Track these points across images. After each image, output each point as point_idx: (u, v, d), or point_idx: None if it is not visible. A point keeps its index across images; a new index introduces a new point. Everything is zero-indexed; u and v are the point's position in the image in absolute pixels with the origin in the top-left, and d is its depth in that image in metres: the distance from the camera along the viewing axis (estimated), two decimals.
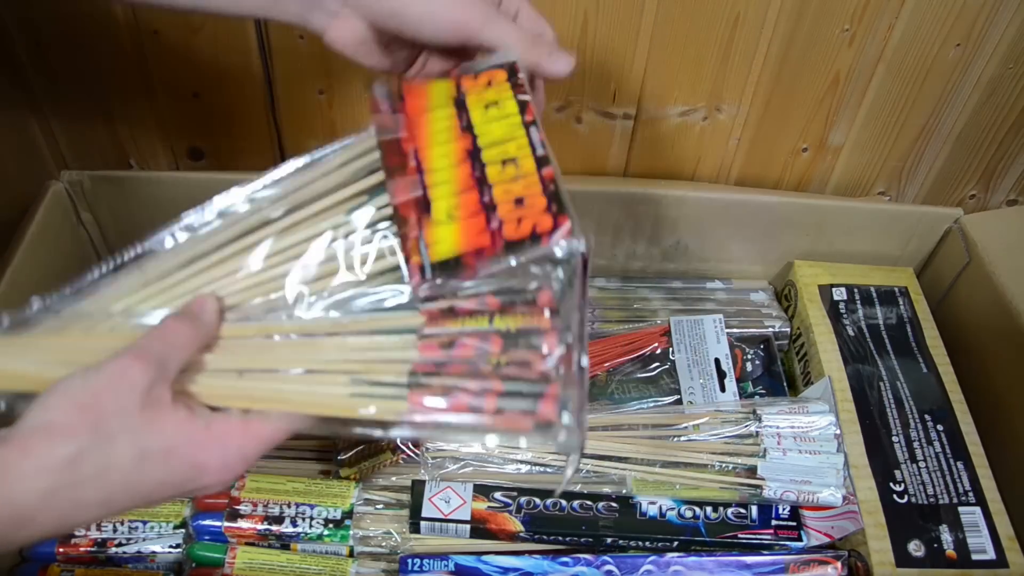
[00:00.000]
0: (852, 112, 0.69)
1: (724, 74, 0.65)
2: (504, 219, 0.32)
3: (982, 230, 0.67)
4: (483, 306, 0.33)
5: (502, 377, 0.32)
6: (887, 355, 0.64)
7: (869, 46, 0.64)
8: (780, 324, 0.69)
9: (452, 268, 0.32)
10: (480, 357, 0.32)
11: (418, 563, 0.54)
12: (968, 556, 0.54)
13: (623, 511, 0.56)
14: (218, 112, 0.66)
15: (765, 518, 0.57)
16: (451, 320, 0.33)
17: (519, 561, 0.54)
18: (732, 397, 0.63)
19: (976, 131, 0.70)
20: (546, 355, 0.32)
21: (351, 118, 0.67)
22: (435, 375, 0.33)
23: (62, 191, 0.63)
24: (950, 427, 0.60)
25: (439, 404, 0.32)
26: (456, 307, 0.33)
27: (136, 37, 0.61)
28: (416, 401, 0.32)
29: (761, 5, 0.61)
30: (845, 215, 0.69)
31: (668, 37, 0.63)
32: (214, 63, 0.63)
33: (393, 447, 0.58)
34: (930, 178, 0.75)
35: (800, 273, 0.70)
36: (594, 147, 0.70)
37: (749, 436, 0.58)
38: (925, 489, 0.57)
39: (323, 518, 0.56)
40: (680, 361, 0.65)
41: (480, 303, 0.33)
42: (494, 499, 0.56)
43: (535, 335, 0.33)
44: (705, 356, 0.65)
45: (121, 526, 0.57)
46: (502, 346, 0.33)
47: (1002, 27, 0.63)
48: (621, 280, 0.73)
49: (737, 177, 0.73)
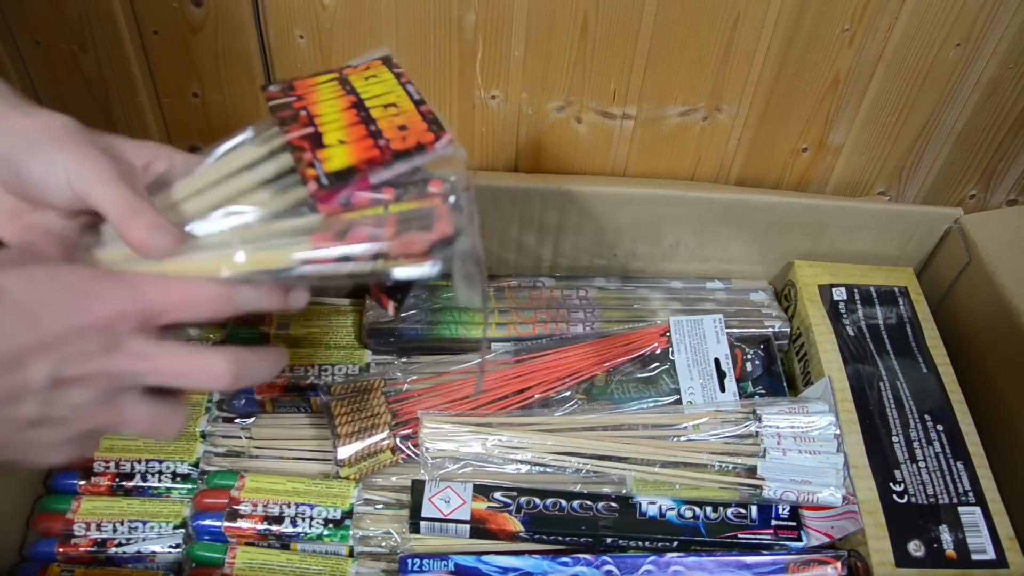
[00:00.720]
0: (852, 112, 0.69)
1: (724, 74, 0.65)
2: (391, 138, 0.36)
3: (982, 230, 0.67)
4: (379, 199, 0.36)
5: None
6: (887, 355, 0.64)
7: (869, 46, 0.64)
8: (780, 324, 0.69)
9: (346, 176, 0.35)
10: (373, 237, 0.34)
11: (418, 563, 0.54)
12: (968, 556, 0.54)
13: (623, 511, 0.56)
14: (218, 112, 0.66)
15: (765, 518, 0.57)
16: (348, 214, 0.35)
17: (519, 561, 0.54)
18: (732, 397, 0.63)
19: (976, 131, 0.70)
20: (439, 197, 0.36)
21: None
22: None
23: None
24: (950, 427, 0.60)
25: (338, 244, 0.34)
26: (353, 202, 0.35)
27: (136, 37, 0.61)
28: (317, 239, 0.34)
29: (761, 5, 0.61)
30: (845, 215, 0.69)
31: (668, 37, 0.63)
32: (214, 63, 0.63)
33: (393, 447, 0.58)
34: (930, 178, 0.75)
35: (800, 273, 0.70)
36: (594, 147, 0.70)
37: (749, 436, 0.58)
38: (925, 489, 0.57)
39: (323, 518, 0.56)
40: (680, 361, 0.65)
41: (375, 201, 0.35)
42: (494, 499, 0.56)
43: (428, 216, 0.35)
44: (705, 356, 0.65)
45: (121, 526, 0.57)
46: (396, 230, 0.34)
47: (1002, 27, 0.63)
48: (621, 280, 0.73)
49: (737, 177, 0.73)
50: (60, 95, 0.64)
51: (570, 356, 0.64)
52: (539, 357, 0.64)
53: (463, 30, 0.62)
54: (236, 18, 0.60)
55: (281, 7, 0.60)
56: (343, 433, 0.58)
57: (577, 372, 0.63)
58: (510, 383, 0.62)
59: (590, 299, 0.70)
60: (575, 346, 0.65)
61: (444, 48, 0.63)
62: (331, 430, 0.59)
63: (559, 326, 0.67)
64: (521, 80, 0.65)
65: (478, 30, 0.62)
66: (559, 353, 0.64)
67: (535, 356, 0.64)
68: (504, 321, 0.67)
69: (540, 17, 0.61)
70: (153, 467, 0.60)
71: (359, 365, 0.65)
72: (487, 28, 0.61)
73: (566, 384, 0.62)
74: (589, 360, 0.64)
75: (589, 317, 0.68)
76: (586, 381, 0.63)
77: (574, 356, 0.64)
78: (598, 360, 0.64)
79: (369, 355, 0.66)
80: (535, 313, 0.68)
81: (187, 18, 0.60)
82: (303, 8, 0.60)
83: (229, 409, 0.63)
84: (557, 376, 0.63)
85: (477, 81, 0.65)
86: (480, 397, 0.60)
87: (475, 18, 0.61)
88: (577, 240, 0.70)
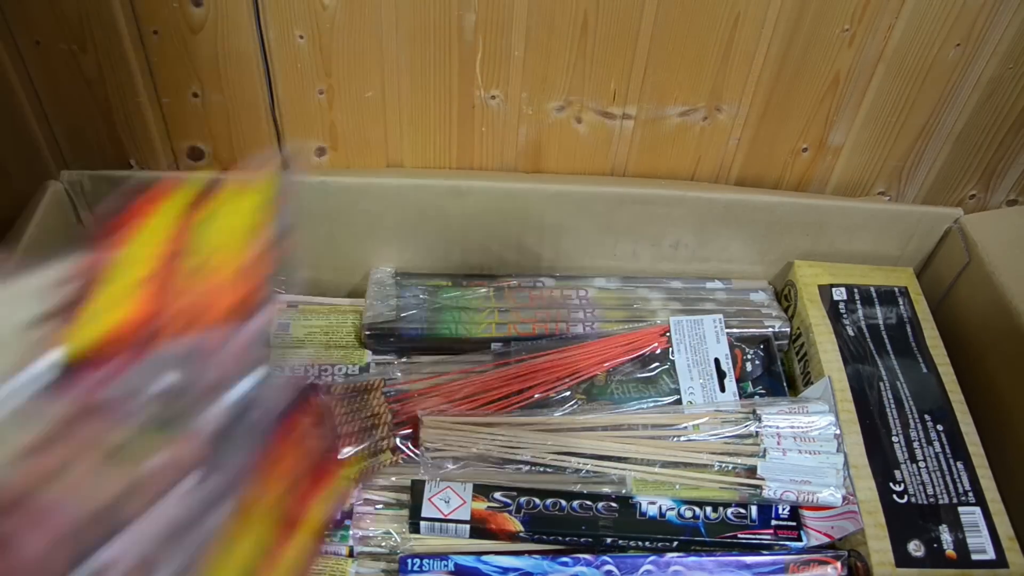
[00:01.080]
0: (852, 112, 0.69)
1: (724, 74, 0.65)
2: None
3: (982, 230, 0.67)
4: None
5: None
6: (887, 355, 0.64)
7: (869, 46, 0.64)
8: (780, 324, 0.69)
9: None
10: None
11: (418, 563, 0.54)
12: (968, 556, 0.54)
13: (623, 511, 0.56)
14: (218, 112, 0.66)
15: (765, 518, 0.57)
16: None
17: (519, 561, 0.54)
18: (732, 397, 0.63)
19: (976, 131, 0.70)
20: None
21: (351, 118, 0.67)
22: None
23: (62, 191, 0.63)
24: (950, 427, 0.60)
25: None
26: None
27: (136, 37, 0.61)
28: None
29: (761, 5, 0.61)
30: (845, 215, 0.69)
31: (668, 37, 0.63)
32: (214, 63, 0.63)
33: (393, 447, 0.58)
34: (930, 178, 0.75)
35: (800, 273, 0.70)
36: (594, 147, 0.70)
37: (749, 436, 0.58)
38: (925, 489, 0.57)
39: None
40: (680, 361, 0.65)
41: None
42: (494, 499, 0.56)
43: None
44: (705, 356, 0.65)
45: None
46: None
47: (1002, 27, 0.63)
48: (621, 280, 0.73)
49: (737, 177, 0.73)
50: (60, 95, 0.64)
51: (570, 356, 0.64)
52: (539, 357, 0.64)
53: (463, 30, 0.62)
54: (236, 18, 0.60)
55: (281, 7, 0.60)
56: (343, 433, 0.58)
57: (577, 372, 0.63)
58: (510, 383, 0.62)
59: (590, 299, 0.70)
60: (575, 346, 0.65)
61: (444, 48, 0.63)
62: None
63: (559, 326, 0.67)
64: (521, 80, 0.65)
65: (478, 30, 0.62)
66: (559, 353, 0.64)
67: (535, 356, 0.64)
68: (504, 321, 0.67)
69: (540, 17, 0.61)
70: None
71: (359, 365, 0.65)
72: (487, 28, 0.61)
73: (566, 384, 0.62)
74: (589, 360, 0.64)
75: (589, 317, 0.68)
76: (586, 381, 0.63)
77: (574, 356, 0.64)
78: (598, 360, 0.64)
79: (369, 355, 0.66)
80: (535, 313, 0.68)
81: (187, 18, 0.60)
82: (303, 8, 0.60)
83: None
84: (557, 376, 0.63)
85: (477, 81, 0.65)
86: (480, 397, 0.60)
87: (475, 18, 0.61)
88: (577, 240, 0.70)
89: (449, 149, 0.70)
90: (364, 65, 0.63)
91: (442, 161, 0.70)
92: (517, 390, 0.61)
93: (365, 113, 0.66)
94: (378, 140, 0.68)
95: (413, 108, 0.66)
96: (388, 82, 0.65)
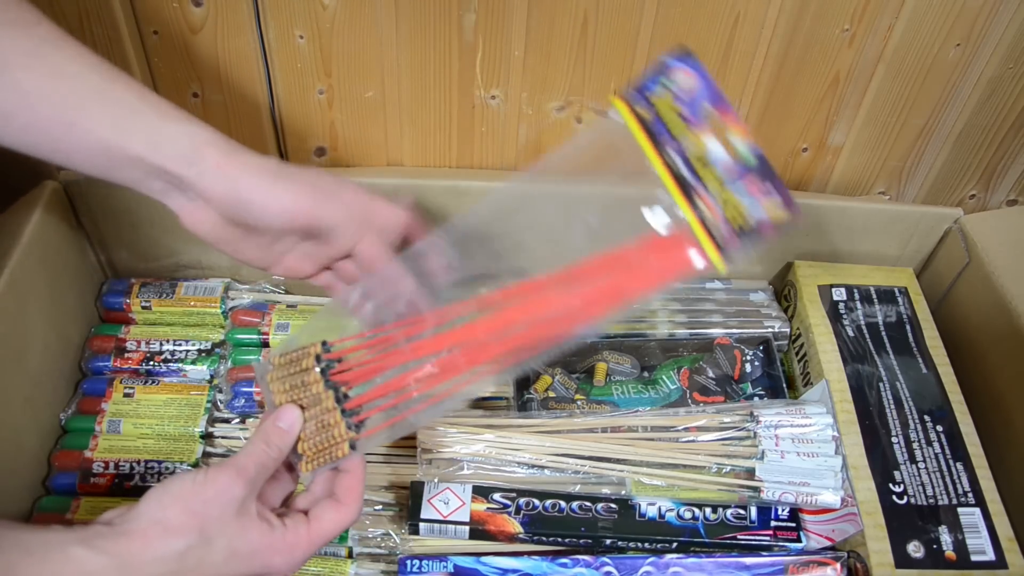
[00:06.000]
0: (852, 112, 0.69)
1: (724, 74, 0.65)
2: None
3: (982, 230, 0.67)
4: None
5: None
6: (887, 355, 0.64)
7: (869, 46, 0.64)
8: (780, 324, 0.69)
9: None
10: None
11: (417, 564, 0.54)
12: (967, 557, 0.54)
13: (622, 512, 0.56)
14: (218, 112, 0.66)
15: (764, 519, 0.57)
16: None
17: (518, 562, 0.54)
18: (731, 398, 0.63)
19: (976, 131, 0.70)
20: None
21: (351, 118, 0.67)
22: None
23: (60, 191, 0.63)
24: (949, 428, 0.60)
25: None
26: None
27: (136, 37, 0.61)
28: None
29: (761, 5, 0.61)
30: (845, 215, 0.69)
31: (668, 37, 0.63)
32: (214, 63, 0.63)
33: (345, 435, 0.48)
34: (930, 178, 0.75)
35: (800, 273, 0.70)
36: None
37: (747, 438, 0.58)
38: (924, 490, 0.57)
39: None
40: None
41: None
42: (493, 500, 0.56)
43: None
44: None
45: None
46: None
47: (1002, 27, 0.63)
48: None
49: None
50: None
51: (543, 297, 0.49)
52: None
53: (463, 30, 0.61)
54: (236, 18, 0.60)
55: (281, 7, 0.60)
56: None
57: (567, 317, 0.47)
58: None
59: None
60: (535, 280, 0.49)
61: (444, 48, 0.62)
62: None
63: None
64: (521, 80, 0.65)
65: (478, 30, 0.61)
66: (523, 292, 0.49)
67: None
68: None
69: (540, 17, 0.61)
70: (153, 468, 0.60)
71: None
72: (487, 28, 0.61)
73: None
74: (574, 301, 0.48)
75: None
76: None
77: (549, 298, 0.48)
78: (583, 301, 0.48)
79: None
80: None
81: (187, 18, 0.60)
82: (303, 8, 0.60)
83: (228, 410, 0.63)
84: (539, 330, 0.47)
85: (477, 81, 0.65)
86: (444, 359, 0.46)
87: (475, 18, 0.61)
88: (577, 240, 0.70)
89: (449, 149, 0.69)
90: (364, 65, 0.63)
91: (442, 161, 0.70)
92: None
93: (365, 113, 0.66)
94: (378, 140, 0.68)
95: (413, 108, 0.66)
96: (388, 82, 0.64)
